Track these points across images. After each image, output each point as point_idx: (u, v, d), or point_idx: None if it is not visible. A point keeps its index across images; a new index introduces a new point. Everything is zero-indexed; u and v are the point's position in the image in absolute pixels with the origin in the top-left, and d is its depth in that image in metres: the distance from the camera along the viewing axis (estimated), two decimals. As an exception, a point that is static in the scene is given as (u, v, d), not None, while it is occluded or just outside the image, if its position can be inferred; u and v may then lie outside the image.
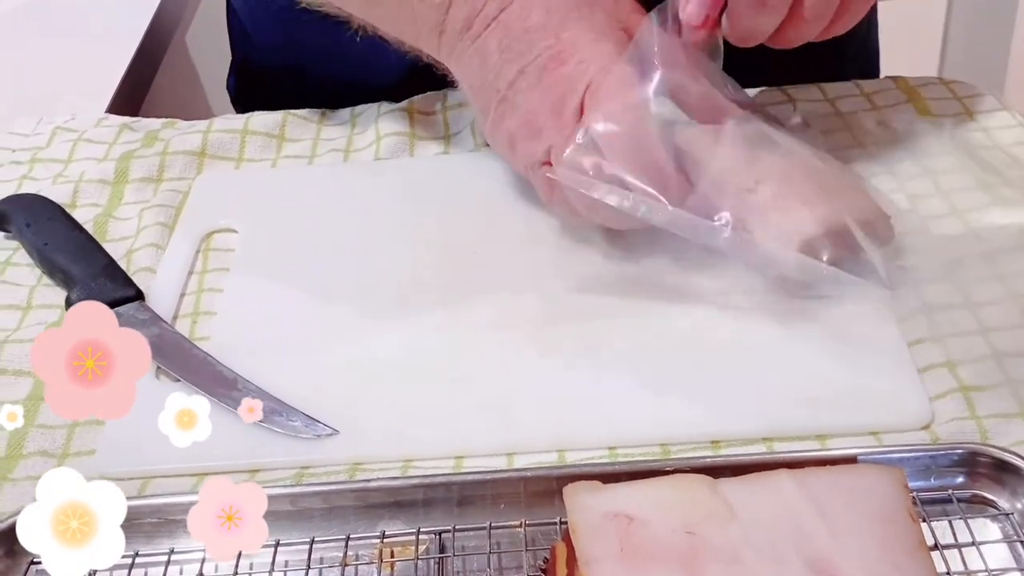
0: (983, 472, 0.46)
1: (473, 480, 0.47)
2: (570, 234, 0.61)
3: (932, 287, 0.56)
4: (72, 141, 0.73)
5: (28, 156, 0.72)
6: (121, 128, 0.74)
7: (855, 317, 0.55)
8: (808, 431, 0.50)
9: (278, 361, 0.55)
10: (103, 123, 0.75)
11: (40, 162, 0.72)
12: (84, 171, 0.70)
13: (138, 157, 0.70)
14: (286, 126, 0.72)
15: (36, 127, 0.75)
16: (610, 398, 0.52)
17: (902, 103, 0.69)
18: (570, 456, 0.50)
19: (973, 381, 0.51)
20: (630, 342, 0.55)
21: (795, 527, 0.40)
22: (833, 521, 0.40)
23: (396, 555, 0.46)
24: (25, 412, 0.54)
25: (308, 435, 0.51)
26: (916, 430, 0.49)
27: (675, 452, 0.49)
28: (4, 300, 0.61)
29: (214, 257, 0.64)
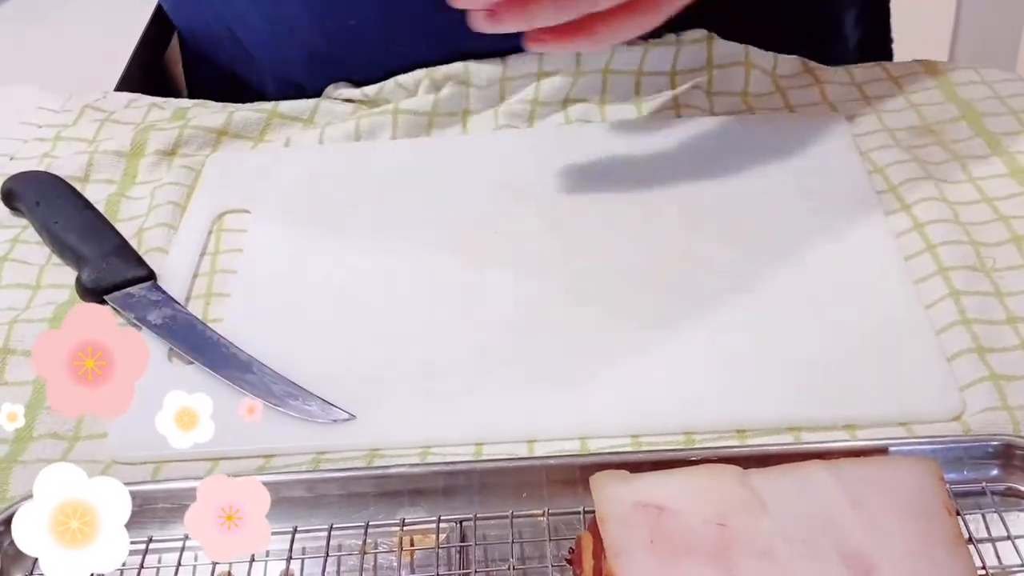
0: (1018, 465, 0.45)
1: (495, 468, 0.46)
2: (591, 217, 0.60)
3: (959, 274, 0.54)
4: (99, 121, 0.72)
5: (52, 134, 0.71)
6: (149, 108, 0.72)
7: (882, 305, 0.53)
8: (836, 421, 0.49)
9: (293, 344, 0.54)
10: (133, 104, 0.73)
11: (64, 140, 0.70)
12: (100, 144, 0.69)
13: (158, 130, 0.69)
14: (317, 112, 0.71)
15: (65, 104, 0.74)
16: (634, 385, 0.51)
17: (929, 87, 0.68)
18: (592, 444, 0.49)
19: (1004, 371, 0.50)
20: (655, 328, 0.54)
21: (829, 520, 0.39)
22: (868, 514, 0.39)
23: (416, 543, 0.45)
24: (35, 393, 0.53)
25: (324, 420, 0.50)
26: (947, 421, 0.48)
27: (699, 441, 0.48)
28: (13, 279, 0.60)
29: (227, 238, 0.63)
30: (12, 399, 0.53)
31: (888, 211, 0.59)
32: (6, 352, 0.55)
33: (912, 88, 0.68)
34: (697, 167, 0.63)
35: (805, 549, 0.38)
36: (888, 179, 0.61)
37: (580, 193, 0.63)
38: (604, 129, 0.67)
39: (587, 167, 0.64)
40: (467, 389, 0.51)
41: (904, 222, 0.59)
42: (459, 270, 0.58)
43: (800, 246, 0.57)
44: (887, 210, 0.60)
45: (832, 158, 0.63)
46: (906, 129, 0.65)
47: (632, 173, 0.64)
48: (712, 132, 0.66)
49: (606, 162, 0.64)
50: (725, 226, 0.59)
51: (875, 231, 0.58)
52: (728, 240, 0.58)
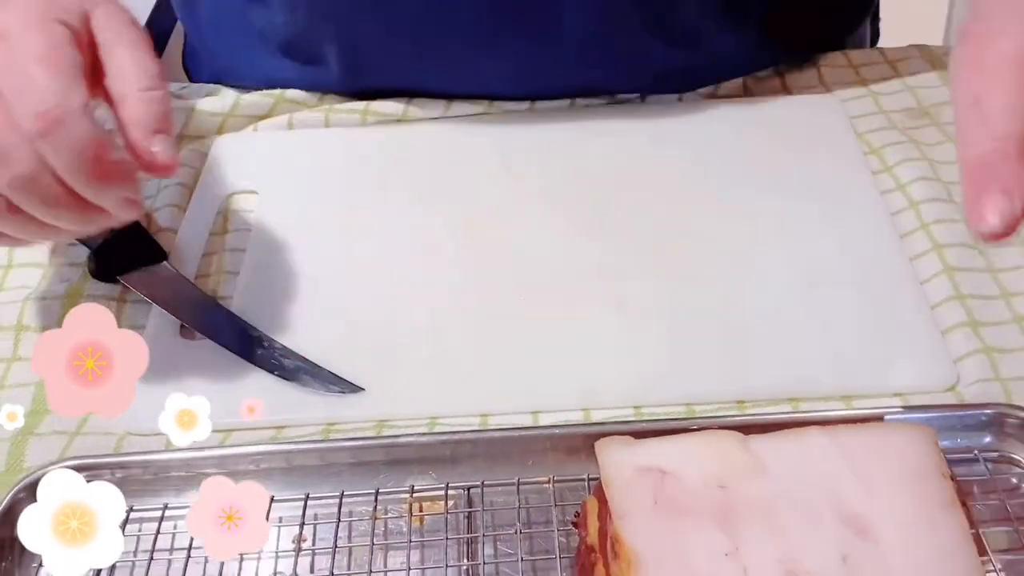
0: (1010, 433, 0.46)
1: (502, 437, 0.47)
2: (592, 195, 0.62)
3: (952, 251, 0.56)
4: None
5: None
6: None
7: (879, 279, 0.55)
8: (833, 392, 0.50)
9: (302, 320, 0.56)
10: None
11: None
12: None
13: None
14: (324, 97, 0.72)
15: None
16: (636, 357, 0.52)
17: (926, 70, 0.69)
18: (595, 415, 0.50)
19: (996, 343, 0.51)
20: (655, 302, 0.55)
21: (828, 483, 0.40)
22: (866, 478, 0.41)
23: (425, 509, 0.46)
24: (49, 369, 0.54)
25: (335, 392, 0.51)
26: (942, 391, 0.50)
27: (701, 412, 0.50)
28: (27, 258, 0.61)
29: (235, 218, 0.64)
30: (27, 374, 0.54)
31: (883, 191, 0.61)
32: (20, 328, 0.56)
33: (908, 71, 0.69)
34: (697, 149, 0.65)
35: (806, 511, 0.40)
36: (884, 160, 0.63)
37: (581, 173, 0.64)
38: (607, 111, 0.68)
39: (589, 147, 0.65)
40: (473, 362, 0.53)
41: (899, 201, 0.60)
42: (463, 248, 0.59)
43: (798, 225, 0.59)
44: (882, 189, 0.61)
45: (829, 139, 0.64)
46: (902, 111, 0.66)
47: (634, 154, 0.65)
48: (712, 115, 0.67)
49: (609, 143, 0.65)
50: (725, 205, 0.60)
51: (871, 210, 0.59)
52: (727, 219, 0.59)
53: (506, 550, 0.44)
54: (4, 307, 0.57)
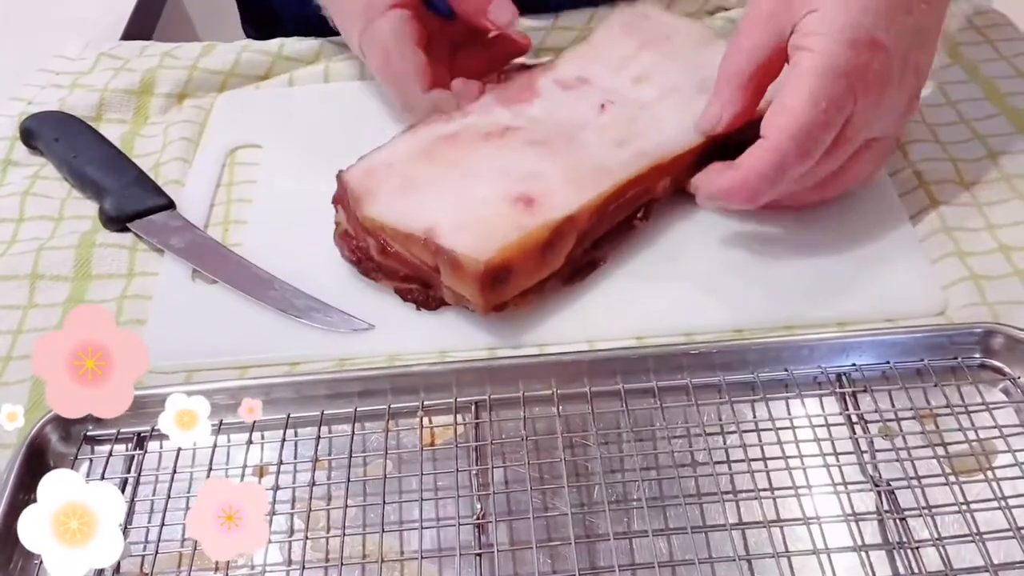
0: (997, 350, 0.48)
1: (508, 364, 0.49)
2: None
3: (939, 187, 0.58)
4: (115, 69, 0.73)
5: (70, 80, 0.73)
6: (163, 56, 0.74)
7: (870, 217, 0.57)
8: (828, 319, 0.52)
9: (310, 264, 0.57)
10: (147, 52, 0.75)
11: (80, 87, 0.72)
12: (109, 83, 0.71)
13: (167, 68, 0.71)
14: (322, 52, 0.73)
15: (82, 52, 0.76)
16: (638, 292, 0.54)
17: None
18: (598, 346, 0.52)
19: (982, 271, 0.53)
20: (658, 241, 0.56)
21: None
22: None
23: (435, 422, 0.48)
24: (63, 315, 0.56)
25: (345, 329, 0.53)
26: (932, 316, 0.51)
27: (701, 340, 0.51)
28: (36, 212, 0.62)
29: (240, 171, 0.65)
30: (43, 321, 0.56)
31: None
32: (35, 277, 0.57)
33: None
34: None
35: None
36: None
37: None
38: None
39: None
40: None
41: (888, 142, 0.62)
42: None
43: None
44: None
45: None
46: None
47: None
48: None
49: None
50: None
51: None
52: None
53: (513, 454, 0.46)
54: (19, 257, 0.58)
